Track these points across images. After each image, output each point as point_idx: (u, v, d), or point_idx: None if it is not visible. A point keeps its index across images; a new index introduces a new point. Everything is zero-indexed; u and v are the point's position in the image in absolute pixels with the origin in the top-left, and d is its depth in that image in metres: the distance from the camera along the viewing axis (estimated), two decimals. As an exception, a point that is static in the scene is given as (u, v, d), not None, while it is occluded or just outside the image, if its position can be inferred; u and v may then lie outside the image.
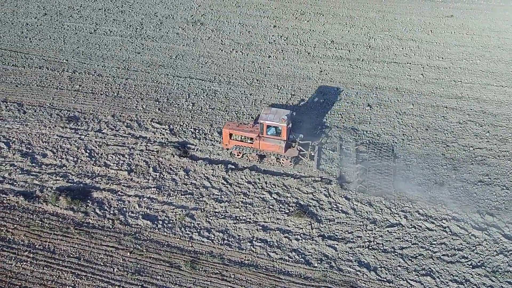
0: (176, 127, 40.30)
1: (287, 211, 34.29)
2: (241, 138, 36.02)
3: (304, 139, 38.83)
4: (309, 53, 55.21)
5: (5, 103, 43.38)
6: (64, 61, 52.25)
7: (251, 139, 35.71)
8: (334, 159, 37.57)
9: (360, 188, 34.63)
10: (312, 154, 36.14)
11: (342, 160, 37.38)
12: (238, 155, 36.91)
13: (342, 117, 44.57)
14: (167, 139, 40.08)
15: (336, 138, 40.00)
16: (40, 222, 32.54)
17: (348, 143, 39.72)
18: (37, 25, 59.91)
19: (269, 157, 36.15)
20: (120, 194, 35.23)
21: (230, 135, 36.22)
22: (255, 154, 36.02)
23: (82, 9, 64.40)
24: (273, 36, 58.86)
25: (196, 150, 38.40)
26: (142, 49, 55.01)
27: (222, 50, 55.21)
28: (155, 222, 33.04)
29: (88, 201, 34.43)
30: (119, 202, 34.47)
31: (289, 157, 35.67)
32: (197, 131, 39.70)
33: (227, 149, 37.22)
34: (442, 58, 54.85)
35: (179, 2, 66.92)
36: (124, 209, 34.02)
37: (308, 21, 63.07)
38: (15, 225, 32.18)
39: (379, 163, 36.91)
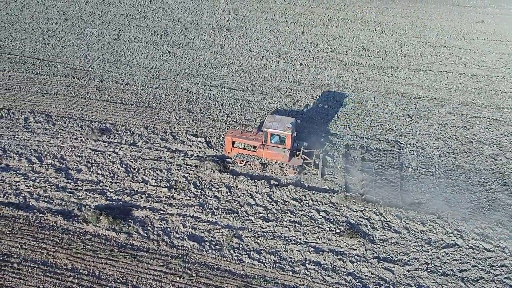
0: (212, 140, 38.81)
1: (338, 231, 32.47)
2: (244, 146, 35.19)
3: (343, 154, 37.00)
4: (341, 61, 53.44)
5: (32, 114, 41.58)
6: (90, 69, 50.40)
7: (255, 147, 34.82)
8: (339, 168, 36.47)
9: (367, 198, 33.89)
10: (317, 162, 35.26)
11: (347, 169, 36.13)
12: (240, 163, 35.85)
13: (383, 128, 42.80)
14: (205, 152, 38.33)
15: (342, 145, 39.19)
16: (82, 244, 30.77)
17: (354, 151, 39.10)
18: (59, 31, 58.04)
19: (273, 165, 35.11)
20: (162, 212, 33.42)
21: (233, 142, 35.37)
22: (258, 162, 34.85)
23: (104, 14, 62.55)
24: (302, 42, 57.08)
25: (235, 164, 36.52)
26: (169, 56, 53.19)
27: (251, 58, 53.40)
28: (202, 244, 31.30)
29: (130, 220, 32.63)
30: (162, 221, 32.66)
31: (293, 166, 34.61)
32: (234, 144, 37.42)
33: (229, 157, 36.15)
34: (479, 66, 53.13)
35: (203, 7, 65.04)
36: (168, 229, 32.23)
37: (336, 27, 61.30)
38: (56, 248, 30.42)
39: (386, 172, 36.22)
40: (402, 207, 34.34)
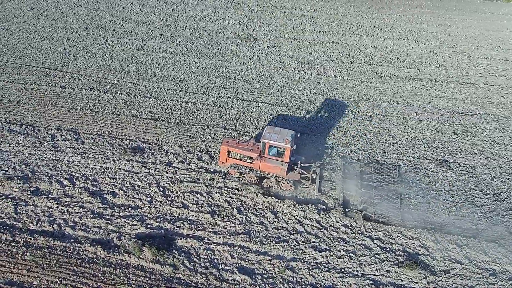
0: (252, 159, 35.93)
1: (396, 262, 30.00)
2: (240, 156, 33.90)
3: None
4: (376, 73, 51.07)
5: (59, 131, 39.15)
6: (115, 81, 48.00)
7: (251, 158, 33.46)
8: (337, 182, 35.40)
9: (366, 215, 32.87)
10: (314, 177, 34.10)
11: (346, 183, 35.06)
12: (235, 174, 34.42)
13: (429, 146, 40.57)
14: None
15: (340, 158, 37.92)
16: (126, 279, 28.52)
17: (352, 164, 37.66)
18: (79, 41, 55.59)
19: (269, 179, 33.80)
20: (208, 241, 31.10)
21: (228, 152, 33.97)
22: (254, 174, 33.60)
23: (125, 23, 60.12)
24: (333, 53, 54.74)
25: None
26: (197, 68, 50.83)
27: (282, 69, 51.07)
28: (254, 277, 29.03)
29: (174, 251, 30.15)
30: (209, 252, 30.33)
31: (290, 181, 33.42)
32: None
33: (223, 168, 34.83)
34: (520, 78, 50.67)
35: (227, 15, 62.68)
36: (216, 260, 29.92)
37: (367, 36, 58.97)
38: (98, 283, 28.10)
39: (385, 186, 35.25)
40: (460, 234, 31.95)
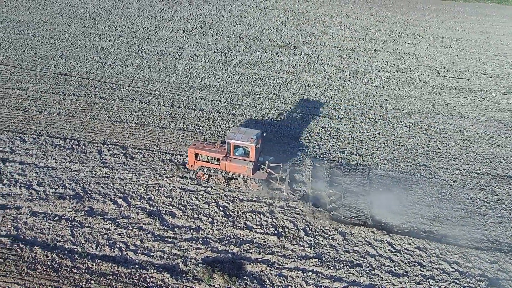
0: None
1: (478, 288, 28.02)
2: (207, 158, 33.30)
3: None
4: (425, 82, 49.29)
5: (105, 145, 37.46)
6: (157, 92, 46.22)
7: (218, 160, 32.76)
8: (306, 183, 33.99)
9: (334, 215, 31.78)
10: (283, 177, 33.06)
11: (315, 184, 33.89)
12: (203, 177, 33.71)
13: (491, 161, 38.72)
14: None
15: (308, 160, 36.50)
16: (200, 310, 26.27)
17: (322, 166, 36.09)
18: (114, 49, 53.83)
19: (237, 179, 33.04)
20: (278, 266, 29.33)
21: (196, 155, 33.44)
22: (222, 176, 32.96)
23: (158, 30, 58.39)
24: (377, 61, 52.95)
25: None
26: (239, 77, 49.03)
27: (327, 79, 49.28)
28: (332, 306, 26.77)
29: (245, 277, 28.22)
30: (281, 278, 28.63)
31: (258, 180, 32.52)
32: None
33: (192, 171, 34.29)
34: None
35: (262, 22, 60.96)
36: (290, 287, 27.69)
37: (408, 44, 57.24)
38: (171, 315, 25.91)
39: (355, 187, 34.17)
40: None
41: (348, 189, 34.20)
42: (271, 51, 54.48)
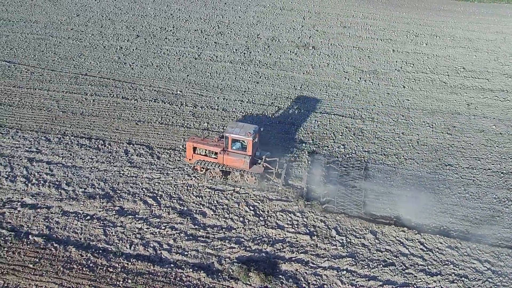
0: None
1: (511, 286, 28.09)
2: (205, 152, 34.13)
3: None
4: (445, 83, 49.44)
5: (131, 145, 37.27)
6: (178, 92, 46.32)
7: (216, 153, 33.58)
8: (302, 178, 34.47)
9: (327, 208, 32.36)
10: (280, 172, 33.75)
11: (311, 178, 34.17)
12: (201, 170, 34.50)
13: (521, 164, 38.55)
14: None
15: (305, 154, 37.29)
16: (238, 309, 26.37)
17: (319, 160, 36.48)
18: (133, 49, 53.96)
19: (234, 173, 33.61)
20: (313, 265, 29.40)
21: (194, 149, 34.24)
22: (219, 169, 33.60)
23: (176, 30, 58.52)
24: (396, 62, 53.10)
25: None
26: (259, 77, 49.19)
27: (347, 79, 49.38)
28: (369, 305, 26.86)
29: (280, 276, 28.25)
30: (316, 277, 28.75)
31: (254, 174, 33.03)
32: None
33: (190, 164, 35.03)
34: None
35: (279, 22, 61.12)
36: (326, 286, 28.01)
37: (426, 44, 57.41)
38: (209, 312, 25.99)
39: (350, 182, 34.60)
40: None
41: (344, 182, 34.40)
42: (290, 51, 54.61)
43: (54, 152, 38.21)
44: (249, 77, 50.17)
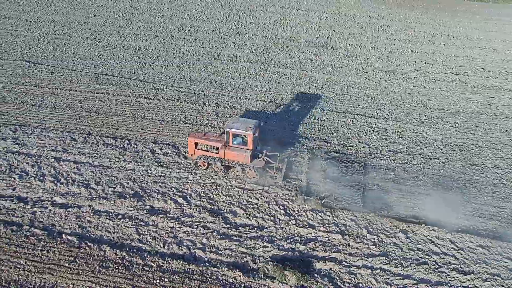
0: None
1: (541, 284, 28.27)
2: (207, 147, 34.41)
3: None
4: (465, 83, 49.60)
5: (157, 145, 37.63)
6: (200, 92, 46.53)
7: (217, 148, 33.82)
8: (302, 173, 34.63)
9: (326, 203, 32.45)
10: (280, 166, 34.23)
11: (310, 174, 34.47)
12: (203, 165, 34.82)
13: (543, 163, 38.66)
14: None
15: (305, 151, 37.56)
16: (276, 306, 26.50)
17: (319, 157, 36.72)
18: (152, 49, 54.11)
19: (235, 168, 34.18)
20: (346, 264, 29.54)
21: (196, 144, 34.64)
22: (220, 164, 34.04)
23: (194, 30, 58.70)
24: (415, 62, 53.28)
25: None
26: (280, 77, 49.34)
27: (368, 79, 49.54)
28: (405, 303, 27.01)
29: (315, 274, 28.33)
30: (351, 275, 28.85)
31: (255, 169, 33.46)
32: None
33: (192, 159, 35.30)
34: None
35: (296, 23, 61.34)
36: (361, 285, 28.08)
37: (443, 44, 57.48)
38: (248, 311, 26.12)
39: (349, 177, 34.73)
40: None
41: (344, 178, 35.87)
42: (309, 52, 54.79)
43: (80, 151, 38.34)
44: (270, 77, 50.34)
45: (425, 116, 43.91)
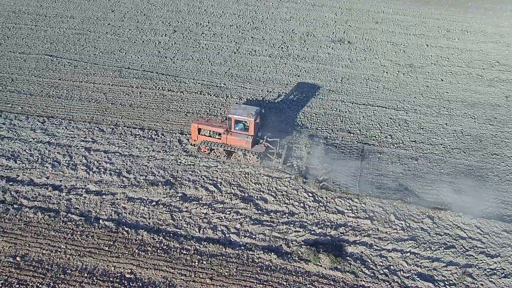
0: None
1: None
2: (209, 133, 36.06)
3: None
4: (481, 76, 50.57)
5: (184, 135, 38.22)
6: (222, 85, 47.38)
7: (219, 134, 35.48)
8: (302, 158, 36.69)
9: (324, 185, 34.08)
10: (281, 152, 36.12)
11: (310, 159, 36.40)
12: (205, 150, 36.52)
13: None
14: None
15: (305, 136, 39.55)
16: (312, 287, 27.41)
17: (318, 143, 38.52)
18: (172, 44, 55.10)
19: (237, 153, 35.86)
20: (377, 248, 30.46)
21: (199, 130, 36.22)
22: (222, 149, 35.73)
23: (212, 25, 59.67)
24: (431, 56, 54.24)
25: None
26: (299, 71, 50.27)
27: (386, 73, 50.49)
28: (436, 284, 28.14)
29: (347, 257, 29.29)
30: (382, 258, 29.76)
31: (256, 153, 35.05)
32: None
33: (195, 144, 37.16)
34: None
35: (312, 18, 62.25)
36: (392, 267, 29.13)
37: (458, 39, 58.44)
38: (286, 292, 27.11)
39: (347, 163, 36.49)
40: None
41: (342, 163, 36.48)
42: (326, 46, 55.74)
43: (109, 142, 39.23)
44: (289, 70, 51.27)
45: (444, 108, 44.73)
